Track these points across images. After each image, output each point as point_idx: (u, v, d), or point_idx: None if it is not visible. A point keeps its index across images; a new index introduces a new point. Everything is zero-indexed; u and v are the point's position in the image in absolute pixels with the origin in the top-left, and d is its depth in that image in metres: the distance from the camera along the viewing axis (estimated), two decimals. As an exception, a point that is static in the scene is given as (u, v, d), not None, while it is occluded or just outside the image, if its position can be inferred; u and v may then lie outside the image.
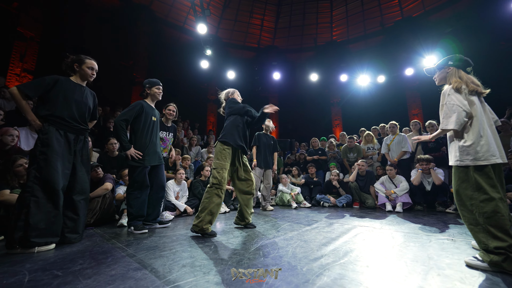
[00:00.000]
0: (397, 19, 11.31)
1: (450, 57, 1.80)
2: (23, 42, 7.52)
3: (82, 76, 2.23)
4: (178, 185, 3.75)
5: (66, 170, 2.02)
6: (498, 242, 1.37)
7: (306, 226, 2.69)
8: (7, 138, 2.76)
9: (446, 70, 1.80)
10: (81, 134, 2.17)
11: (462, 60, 1.76)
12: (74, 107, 2.10)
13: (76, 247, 1.92)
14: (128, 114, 2.51)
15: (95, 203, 2.70)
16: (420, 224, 2.79)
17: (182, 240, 2.13)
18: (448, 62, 1.79)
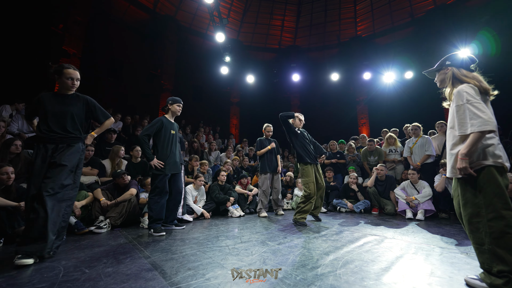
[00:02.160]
0: (429, 8, 10.45)
1: (447, 57, 1.70)
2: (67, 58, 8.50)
3: (64, 87, 2.17)
4: (196, 190, 4.00)
5: (40, 179, 1.96)
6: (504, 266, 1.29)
7: (314, 233, 2.72)
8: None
9: (445, 71, 1.69)
10: (62, 142, 2.07)
11: (462, 58, 1.63)
12: (51, 118, 2.08)
13: (104, 247, 2.21)
14: (150, 130, 2.88)
15: (122, 206, 3.04)
16: (438, 234, 2.65)
17: (193, 244, 2.31)
18: (446, 62, 1.68)
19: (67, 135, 2.13)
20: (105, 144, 4.38)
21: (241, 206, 4.24)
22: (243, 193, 4.47)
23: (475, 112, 1.40)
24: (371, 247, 2.19)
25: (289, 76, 12.21)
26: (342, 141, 6.34)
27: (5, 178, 2.41)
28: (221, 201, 4.02)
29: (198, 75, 12.25)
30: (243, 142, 7.23)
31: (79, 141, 2.19)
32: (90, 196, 3.06)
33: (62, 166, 1.99)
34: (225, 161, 4.94)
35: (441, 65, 1.71)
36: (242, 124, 13.29)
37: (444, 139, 4.31)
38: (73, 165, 2.08)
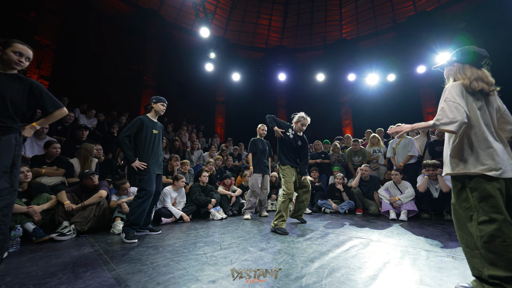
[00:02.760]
0: (410, 14, 10.83)
1: (455, 52, 1.59)
2: (39, 50, 7.87)
3: (5, 63, 1.78)
4: (175, 191, 3.76)
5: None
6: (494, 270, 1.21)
7: (298, 237, 2.60)
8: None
9: (450, 67, 1.62)
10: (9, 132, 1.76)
11: (469, 53, 1.54)
12: (7, 105, 1.75)
13: (63, 259, 1.94)
14: (129, 130, 2.66)
15: (89, 210, 2.74)
16: (422, 236, 2.62)
17: (167, 252, 2.10)
18: (452, 58, 1.60)
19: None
20: (75, 141, 4.01)
21: (223, 208, 4.05)
22: (226, 194, 4.28)
23: (444, 110, 1.40)
24: (357, 251, 2.09)
25: (276, 76, 12.15)
26: (326, 141, 6.32)
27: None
28: (202, 203, 3.80)
29: (183, 72, 11.86)
30: (228, 141, 7.03)
31: (12, 132, 1.78)
32: (53, 199, 2.74)
33: None
34: (207, 161, 4.72)
35: (449, 60, 1.64)
36: (228, 124, 13.04)
37: (426, 140, 4.38)
38: (5, 165, 1.72)
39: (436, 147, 3.96)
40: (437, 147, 3.95)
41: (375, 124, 6.83)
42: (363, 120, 11.42)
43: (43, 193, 2.72)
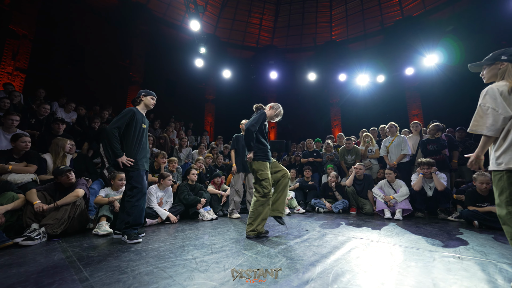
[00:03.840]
0: (397, 19, 11.11)
1: (504, 51, 1.52)
2: (15, 40, 7.32)
3: None
4: (162, 190, 3.50)
5: None
6: None
7: (295, 238, 2.43)
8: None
9: (498, 66, 1.53)
10: None
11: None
12: None
13: (26, 267, 1.67)
14: (120, 122, 2.44)
15: (63, 211, 2.44)
16: (421, 235, 2.53)
17: (151, 257, 1.87)
18: (502, 57, 1.51)
19: None
20: (51, 136, 3.65)
21: (213, 208, 3.83)
22: (216, 193, 4.06)
23: (480, 115, 1.46)
24: (359, 253, 1.96)
25: (266, 75, 12.06)
26: (318, 139, 6.27)
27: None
28: (190, 203, 3.56)
29: (171, 69, 11.49)
30: (218, 139, 6.80)
31: None
32: (20, 198, 2.42)
33: None
34: (197, 159, 4.48)
35: (495, 59, 1.54)
36: (217, 122, 12.78)
37: (418, 138, 4.37)
38: None
39: (429, 146, 3.94)
40: (429, 145, 3.94)
41: (364, 125, 6.86)
42: (352, 120, 11.55)
43: (8, 191, 2.39)
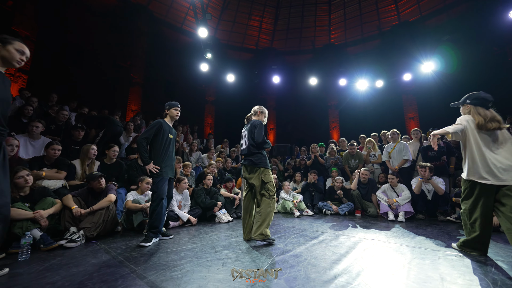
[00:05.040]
0: (394, 23, 11.43)
1: (469, 96, 2.18)
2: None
3: (4, 59, 1.70)
4: (180, 194, 3.70)
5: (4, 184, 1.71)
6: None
7: (312, 239, 2.69)
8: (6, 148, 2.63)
9: (466, 107, 2.22)
10: (3, 138, 1.75)
11: (478, 98, 2.13)
12: (4, 107, 1.70)
13: (83, 267, 1.87)
14: (148, 133, 2.69)
15: (98, 215, 2.63)
16: (425, 236, 2.82)
17: (190, 257, 2.09)
18: (467, 101, 2.19)
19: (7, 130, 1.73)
20: (71, 142, 3.80)
21: (227, 210, 4.05)
22: (229, 196, 4.29)
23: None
24: (373, 252, 2.22)
25: (266, 78, 12.26)
26: (321, 144, 6.52)
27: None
28: (208, 206, 3.78)
29: (172, 70, 11.60)
30: (224, 143, 7.00)
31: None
32: (58, 203, 2.60)
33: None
34: (209, 163, 4.68)
35: (464, 102, 2.25)
36: (217, 124, 12.95)
37: (418, 145, 4.68)
38: None
39: (429, 152, 4.25)
40: (430, 152, 4.25)
41: (361, 128, 7.12)
42: (350, 123, 11.89)
43: (47, 197, 2.57)
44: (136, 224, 2.95)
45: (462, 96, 2.32)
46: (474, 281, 1.59)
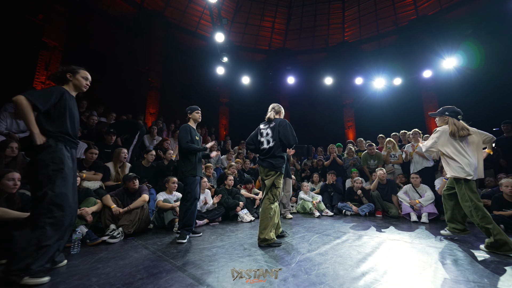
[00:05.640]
0: (412, 18, 11.09)
1: (447, 108, 2.64)
2: (47, 51, 7.87)
3: (76, 87, 2.06)
4: (202, 193, 3.89)
5: (75, 186, 2.01)
6: None
7: (336, 239, 2.76)
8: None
9: (444, 117, 2.65)
10: (76, 148, 2.07)
11: (454, 111, 2.60)
12: (75, 123, 2.02)
13: (128, 260, 2.07)
14: (187, 136, 2.90)
15: (134, 214, 2.86)
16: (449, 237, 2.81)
17: (222, 254, 2.24)
18: (446, 112, 2.63)
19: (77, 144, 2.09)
20: (103, 146, 4.10)
21: (248, 210, 4.19)
22: (249, 197, 4.43)
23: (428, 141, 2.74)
24: (398, 252, 2.26)
25: (279, 78, 12.31)
26: (339, 144, 6.51)
27: (11, 184, 2.14)
28: (231, 206, 3.95)
29: (187, 73, 11.95)
30: (241, 144, 7.15)
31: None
32: (98, 203, 2.85)
33: None
34: (229, 164, 4.85)
35: (443, 113, 2.67)
36: (231, 125, 13.16)
37: (441, 145, 4.58)
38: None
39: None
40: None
41: (378, 127, 6.97)
42: (366, 123, 11.69)
43: (90, 197, 2.82)
44: (167, 222, 3.15)
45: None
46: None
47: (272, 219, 2.51)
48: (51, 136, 1.85)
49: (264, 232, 2.46)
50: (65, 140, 1.91)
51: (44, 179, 1.77)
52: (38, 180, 1.77)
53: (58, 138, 1.87)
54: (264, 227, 2.48)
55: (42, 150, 1.80)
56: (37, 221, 1.71)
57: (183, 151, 2.88)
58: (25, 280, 1.58)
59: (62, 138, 1.89)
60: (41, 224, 1.71)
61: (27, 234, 1.67)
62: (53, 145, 1.84)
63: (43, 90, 1.86)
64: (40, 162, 1.78)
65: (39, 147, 1.78)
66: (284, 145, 2.67)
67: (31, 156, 1.83)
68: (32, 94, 1.76)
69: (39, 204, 1.74)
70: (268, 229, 2.47)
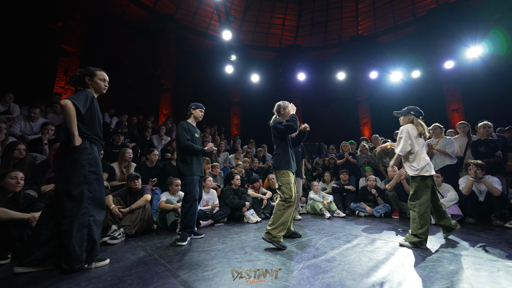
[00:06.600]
0: (431, 7, 10.41)
1: (412, 108, 2.68)
2: (66, 57, 8.20)
3: (96, 90, 2.11)
4: (207, 193, 3.79)
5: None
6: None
7: (346, 243, 2.54)
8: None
9: (409, 117, 2.67)
10: (101, 149, 2.26)
11: (418, 112, 2.67)
12: (101, 125, 2.13)
13: (123, 263, 2.00)
14: (185, 134, 2.80)
15: (136, 214, 2.82)
16: (477, 243, 2.49)
17: (220, 257, 2.11)
18: (411, 112, 2.65)
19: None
20: (111, 146, 4.14)
21: (255, 211, 4.05)
22: (257, 197, 4.28)
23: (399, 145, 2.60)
24: (415, 260, 2.02)
25: (291, 76, 12.05)
26: (352, 141, 6.19)
27: (13, 182, 2.17)
28: (236, 207, 3.82)
29: (198, 74, 12.04)
30: (250, 143, 7.03)
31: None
32: (101, 203, 2.83)
33: None
34: (236, 164, 4.74)
35: (408, 112, 2.69)
36: (243, 124, 13.08)
37: (466, 140, 4.19)
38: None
39: (481, 148, 3.76)
40: (481, 147, 3.75)
41: (395, 123, 6.49)
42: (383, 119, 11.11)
43: (92, 197, 2.81)
44: (169, 223, 3.09)
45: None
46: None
47: (281, 218, 2.43)
48: (86, 138, 1.94)
49: (271, 226, 2.44)
50: (97, 142, 2.03)
51: (81, 179, 1.87)
52: (74, 179, 1.86)
53: (92, 141, 1.98)
54: (272, 222, 2.46)
55: (79, 152, 1.89)
56: (81, 220, 1.84)
57: (181, 150, 2.77)
58: (93, 265, 1.88)
59: (95, 140, 2.01)
60: (86, 223, 1.86)
61: (75, 234, 1.80)
62: (89, 147, 1.94)
63: (81, 95, 1.93)
64: (77, 162, 1.87)
65: (75, 149, 1.87)
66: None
67: (64, 156, 1.90)
68: (75, 98, 1.85)
69: (73, 202, 1.83)
70: (274, 226, 2.41)
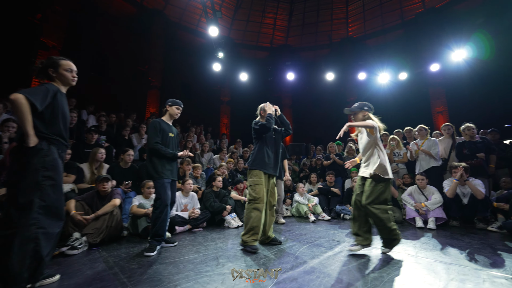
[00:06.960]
0: (419, 11, 10.59)
1: (365, 104, 2.50)
2: (45, 51, 7.73)
3: (63, 82, 1.83)
4: (185, 196, 3.57)
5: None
6: None
7: (328, 251, 2.40)
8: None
9: (363, 113, 2.46)
10: (65, 151, 1.92)
11: (371, 107, 2.51)
12: (67, 123, 1.84)
13: (75, 279, 1.76)
14: (154, 135, 2.54)
15: (102, 221, 2.57)
16: (462, 249, 2.40)
17: (188, 270, 1.91)
18: (364, 108, 2.46)
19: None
20: (84, 145, 3.84)
21: (238, 214, 3.87)
22: (240, 199, 4.09)
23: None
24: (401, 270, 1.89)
25: (281, 75, 11.95)
26: (339, 142, 6.11)
27: None
28: (216, 211, 3.61)
29: (187, 72, 11.71)
30: (237, 143, 6.84)
31: None
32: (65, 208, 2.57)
33: None
34: (220, 164, 4.53)
35: (361, 108, 2.47)
36: (232, 124, 12.86)
37: (451, 142, 4.16)
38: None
39: (465, 150, 3.72)
40: (465, 149, 3.72)
41: (383, 124, 6.51)
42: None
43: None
44: (140, 230, 2.85)
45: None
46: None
47: (248, 220, 2.42)
48: (43, 138, 1.66)
49: (243, 231, 2.46)
50: (58, 143, 1.75)
51: (32, 185, 1.58)
52: (24, 185, 1.57)
53: (51, 141, 1.70)
54: (244, 227, 2.47)
55: (33, 154, 1.60)
56: (27, 233, 1.53)
57: (150, 151, 2.53)
58: (38, 284, 1.61)
59: (55, 141, 1.72)
60: (33, 236, 1.55)
61: (17, 249, 1.48)
62: (46, 149, 1.66)
63: (39, 89, 1.67)
64: (29, 165, 1.59)
65: (29, 150, 1.59)
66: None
67: (17, 158, 1.62)
68: (30, 92, 1.59)
69: (19, 211, 1.54)
70: (244, 231, 2.44)
